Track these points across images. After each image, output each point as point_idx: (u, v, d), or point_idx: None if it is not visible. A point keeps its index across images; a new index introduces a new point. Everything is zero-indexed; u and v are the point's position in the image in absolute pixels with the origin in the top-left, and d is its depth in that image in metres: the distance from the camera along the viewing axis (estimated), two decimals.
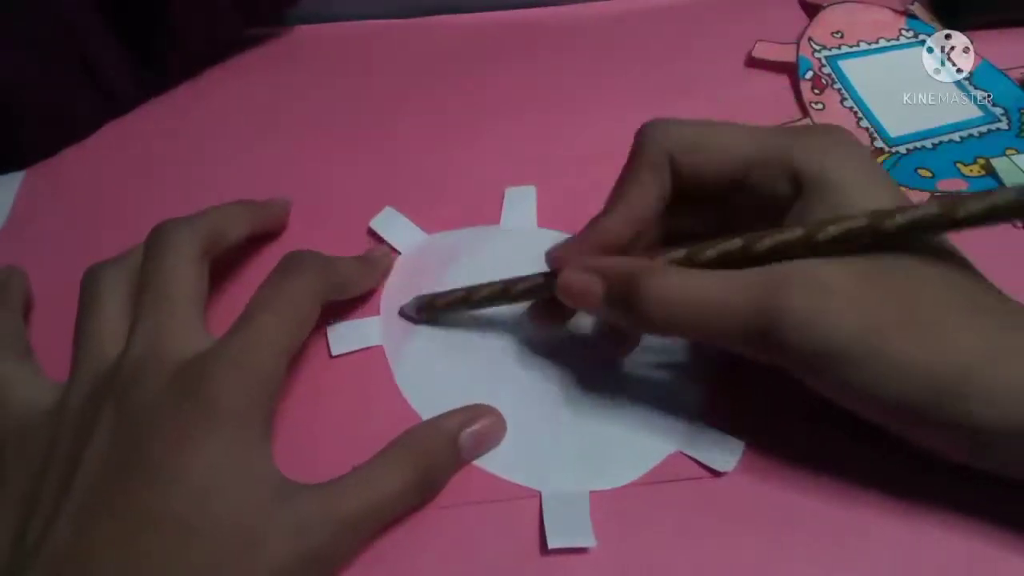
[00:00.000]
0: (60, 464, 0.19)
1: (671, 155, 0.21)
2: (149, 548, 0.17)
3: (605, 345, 0.24)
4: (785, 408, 0.22)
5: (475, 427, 0.22)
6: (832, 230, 0.19)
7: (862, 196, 0.19)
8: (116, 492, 0.18)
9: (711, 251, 0.20)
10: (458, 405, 0.23)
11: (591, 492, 0.21)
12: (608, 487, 0.22)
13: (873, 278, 0.18)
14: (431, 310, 0.25)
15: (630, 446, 0.22)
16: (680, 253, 0.20)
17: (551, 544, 0.20)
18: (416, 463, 0.21)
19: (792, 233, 0.19)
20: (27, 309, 0.28)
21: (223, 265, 0.27)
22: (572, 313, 0.24)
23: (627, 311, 0.20)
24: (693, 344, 0.25)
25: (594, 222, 0.22)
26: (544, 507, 0.21)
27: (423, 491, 0.21)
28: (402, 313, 0.26)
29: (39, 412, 0.21)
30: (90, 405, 0.20)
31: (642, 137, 0.22)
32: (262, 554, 0.18)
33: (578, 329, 0.25)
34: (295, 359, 0.23)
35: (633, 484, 0.22)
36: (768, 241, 0.19)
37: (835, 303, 0.18)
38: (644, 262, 0.21)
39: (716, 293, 0.19)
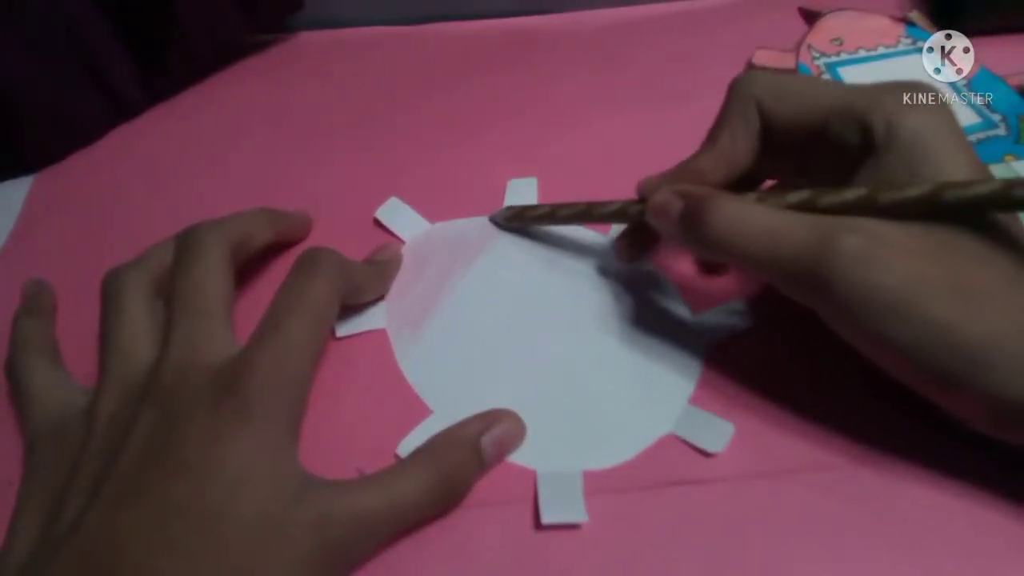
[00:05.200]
0: (94, 461, 0.20)
1: (760, 103, 0.23)
2: (178, 535, 0.18)
3: (621, 245, 0.26)
4: (775, 392, 0.23)
5: (495, 432, 0.22)
6: (892, 195, 0.19)
7: (932, 159, 0.20)
8: (148, 483, 0.18)
9: (775, 200, 0.21)
10: (457, 386, 0.24)
11: (584, 471, 0.22)
12: (601, 467, 0.22)
13: (926, 240, 0.19)
14: (520, 219, 0.28)
15: (623, 428, 0.23)
16: (751, 197, 0.22)
17: (545, 520, 0.21)
18: (439, 470, 0.21)
19: (854, 193, 0.20)
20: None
21: (241, 265, 0.27)
22: (651, 246, 0.26)
23: (696, 230, 0.21)
24: (685, 329, 0.25)
25: (685, 162, 0.24)
26: (539, 485, 0.22)
27: (445, 498, 0.21)
28: (493, 220, 0.29)
29: (72, 414, 0.22)
30: (126, 409, 0.20)
31: (734, 86, 0.23)
32: (284, 545, 0.18)
33: (576, 313, 0.26)
34: None
35: (625, 464, 0.22)
36: (830, 198, 0.20)
37: (886, 253, 0.18)
38: (719, 191, 0.22)
39: (776, 223, 0.20)
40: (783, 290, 0.20)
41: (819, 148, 0.22)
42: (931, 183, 0.19)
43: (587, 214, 0.26)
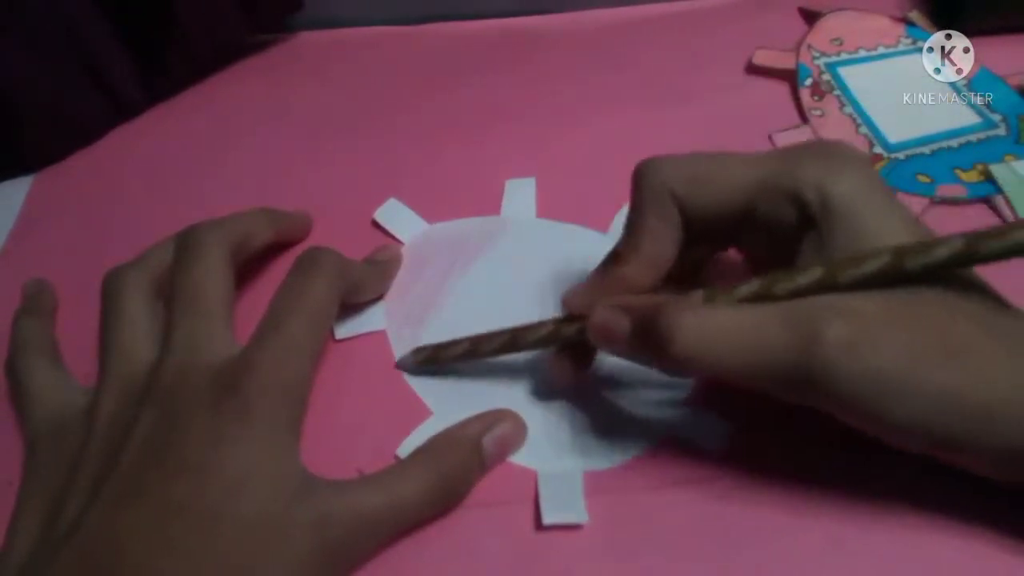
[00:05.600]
0: (94, 461, 0.20)
1: (674, 194, 0.21)
2: (178, 535, 0.18)
3: (558, 368, 0.23)
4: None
5: (496, 432, 0.22)
6: (852, 273, 0.18)
7: (873, 225, 0.19)
8: (149, 483, 0.18)
9: (727, 297, 0.20)
10: (457, 387, 0.24)
11: (585, 472, 0.22)
12: (602, 467, 0.22)
13: (905, 310, 0.18)
14: (434, 361, 0.25)
15: (623, 428, 0.23)
16: (697, 295, 0.20)
17: (546, 520, 0.21)
18: (439, 470, 0.21)
19: (810, 276, 0.19)
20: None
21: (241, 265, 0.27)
22: (589, 363, 0.23)
23: (654, 348, 0.19)
24: None
25: (609, 269, 0.22)
26: (540, 485, 0.22)
27: (446, 498, 0.21)
28: (400, 366, 0.25)
29: (72, 413, 0.22)
30: (126, 410, 0.20)
31: (640, 178, 0.22)
32: (285, 545, 0.18)
33: None
34: None
35: (626, 465, 0.22)
36: (787, 285, 0.19)
37: (876, 333, 0.17)
38: (671, 298, 0.20)
39: (748, 325, 0.18)
40: (770, 393, 0.19)
41: (748, 228, 0.21)
42: (889, 252, 0.18)
43: (513, 343, 0.23)
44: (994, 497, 0.19)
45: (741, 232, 0.21)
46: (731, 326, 0.19)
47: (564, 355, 0.23)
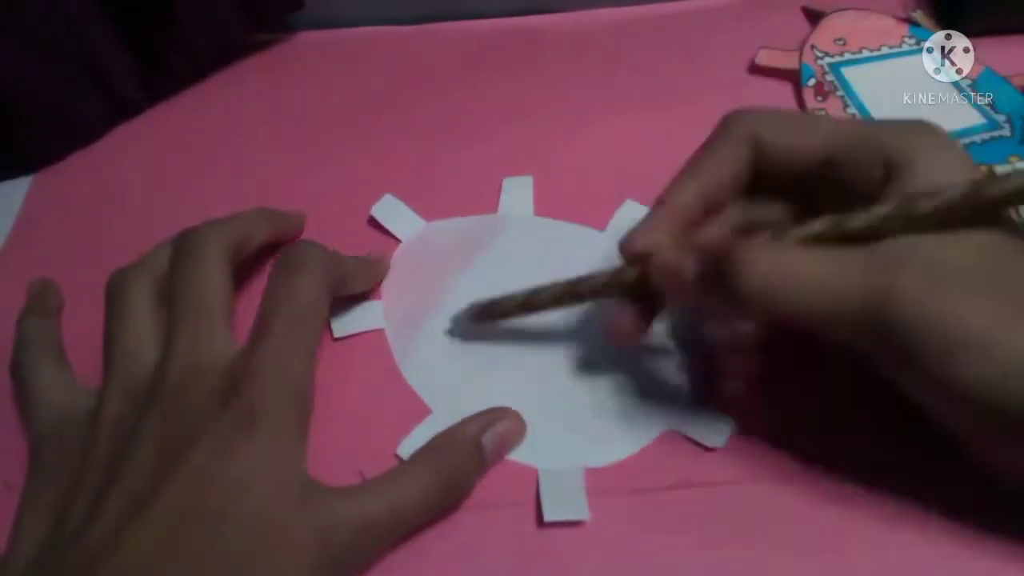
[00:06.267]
0: (100, 463, 0.20)
1: (758, 136, 0.21)
2: (184, 540, 0.18)
3: (621, 322, 0.22)
4: (775, 387, 0.23)
5: (496, 429, 0.22)
6: (930, 202, 0.17)
7: (955, 174, 0.18)
8: (155, 487, 0.18)
9: (798, 231, 0.19)
10: (457, 385, 0.24)
11: (586, 469, 0.22)
12: (602, 464, 0.22)
13: (986, 258, 0.17)
14: (489, 315, 0.24)
15: (623, 425, 0.23)
16: (765, 235, 0.19)
17: (547, 517, 0.21)
18: (440, 470, 0.21)
19: (886, 208, 0.18)
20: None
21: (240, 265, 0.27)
22: (653, 317, 0.22)
23: (727, 290, 0.18)
24: (685, 324, 0.25)
25: (667, 199, 0.21)
26: (541, 483, 0.22)
27: (448, 498, 0.21)
28: (453, 332, 0.25)
29: (77, 414, 0.22)
30: (131, 411, 0.20)
31: (728, 119, 0.22)
32: (289, 549, 0.18)
33: (574, 311, 0.26)
34: None
35: (626, 461, 0.22)
36: (860, 218, 0.18)
37: (953, 283, 0.16)
38: (740, 239, 0.20)
39: (822, 268, 0.18)
40: (837, 339, 0.18)
41: (824, 185, 0.20)
42: (969, 182, 0.17)
43: (572, 293, 0.22)
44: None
45: (815, 189, 0.21)
46: (804, 264, 0.18)
47: (626, 306, 0.21)
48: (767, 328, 0.24)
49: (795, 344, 0.23)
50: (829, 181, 0.20)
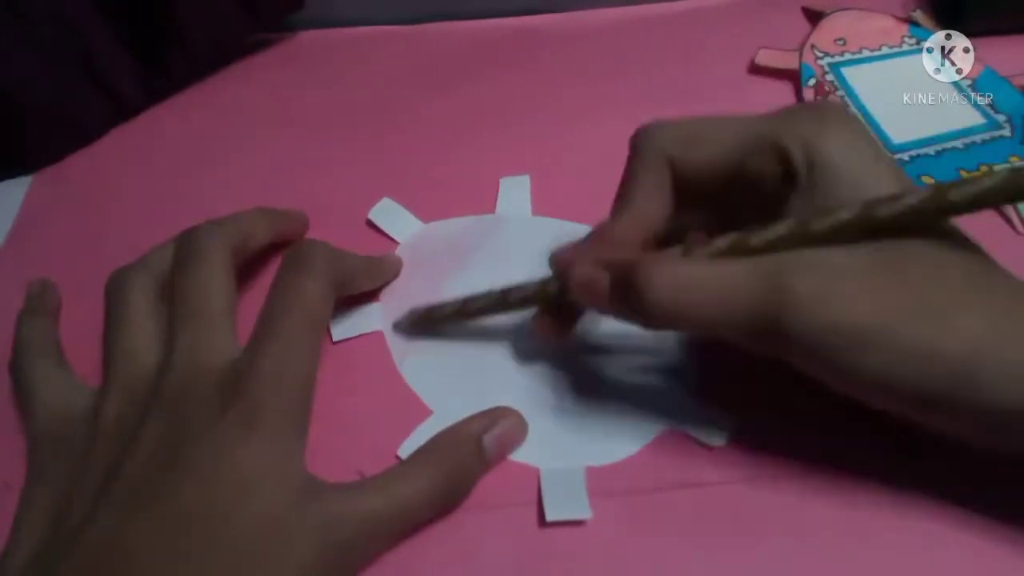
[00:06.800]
0: (100, 464, 0.20)
1: (668, 155, 0.21)
2: (186, 540, 0.18)
3: (540, 325, 0.23)
4: (775, 386, 0.22)
5: (497, 430, 0.22)
6: (825, 221, 0.18)
7: (855, 179, 0.19)
8: (156, 488, 0.18)
9: (704, 250, 0.20)
10: (457, 386, 0.24)
11: (588, 468, 0.22)
12: (604, 463, 0.22)
13: (879, 262, 0.18)
14: (427, 322, 0.25)
15: (625, 423, 0.23)
16: (676, 251, 0.20)
17: (549, 517, 0.21)
18: (442, 469, 0.21)
19: (784, 227, 0.19)
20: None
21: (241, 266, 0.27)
22: (573, 323, 0.24)
23: (633, 304, 0.19)
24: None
25: (601, 228, 0.22)
26: (542, 482, 0.22)
27: (449, 496, 0.21)
28: (397, 328, 0.26)
29: (77, 415, 0.22)
30: (132, 412, 0.20)
31: (637, 141, 0.22)
32: (290, 548, 0.18)
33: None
34: None
35: (628, 460, 0.22)
36: (760, 237, 0.19)
37: (845, 285, 0.17)
38: (651, 254, 0.21)
39: (719, 278, 0.19)
40: (742, 346, 0.19)
41: (737, 191, 0.21)
42: (861, 203, 0.18)
43: (502, 302, 0.24)
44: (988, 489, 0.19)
45: (732, 196, 0.21)
46: (704, 277, 0.19)
47: (546, 312, 0.23)
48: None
49: None
50: (742, 185, 0.21)
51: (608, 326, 0.25)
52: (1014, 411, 0.17)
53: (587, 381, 0.24)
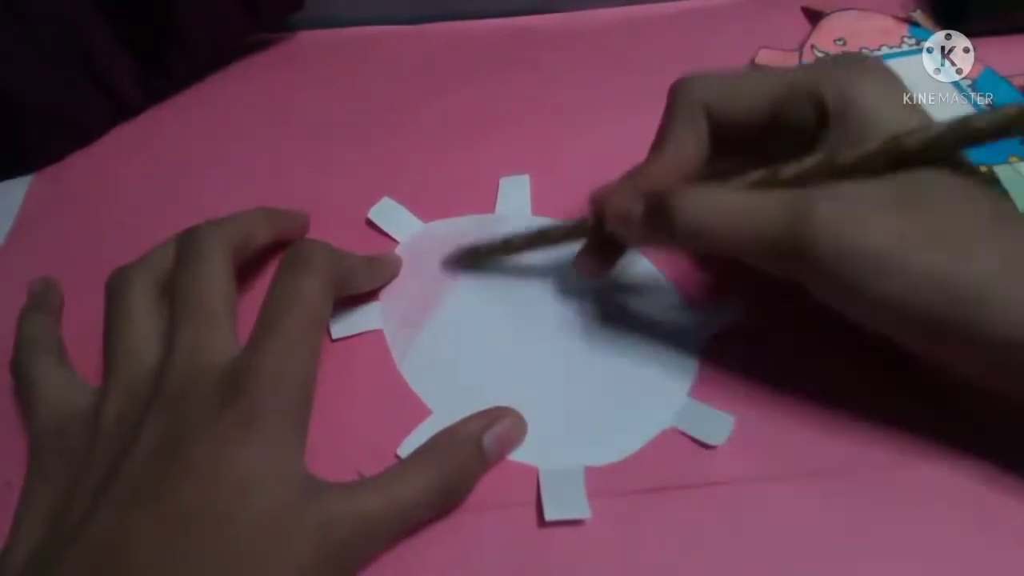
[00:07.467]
0: (101, 462, 0.20)
1: (706, 105, 0.22)
2: (185, 538, 0.18)
3: (583, 261, 0.25)
4: (776, 385, 0.23)
5: (496, 429, 0.22)
6: (853, 152, 0.19)
7: (885, 118, 0.20)
8: (156, 486, 0.18)
9: (737, 180, 0.21)
10: (456, 385, 0.24)
11: (587, 468, 0.22)
12: (603, 462, 0.22)
13: (902, 192, 0.19)
14: (473, 256, 0.27)
15: (624, 423, 0.23)
16: (712, 183, 0.21)
17: (548, 516, 0.21)
18: (441, 468, 0.21)
19: (814, 159, 0.20)
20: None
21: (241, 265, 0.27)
22: (614, 261, 0.25)
23: (664, 226, 0.21)
24: (684, 322, 0.25)
25: (637, 168, 0.23)
26: (541, 482, 0.22)
27: (448, 497, 0.21)
28: (445, 264, 0.27)
29: (78, 412, 0.22)
30: (132, 411, 0.20)
31: (675, 92, 0.23)
32: (289, 547, 0.18)
33: (573, 310, 0.26)
34: None
35: (627, 460, 0.22)
36: (791, 169, 0.20)
37: (868, 212, 0.18)
38: (680, 184, 0.22)
39: (747, 203, 0.20)
40: (766, 268, 0.20)
41: (773, 138, 0.22)
42: (888, 135, 0.19)
43: (543, 237, 0.25)
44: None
45: (767, 143, 0.22)
46: (732, 204, 0.20)
47: (589, 249, 0.25)
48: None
49: (796, 337, 0.23)
50: (779, 132, 0.22)
51: (608, 325, 0.25)
52: (1015, 341, 0.17)
53: (586, 381, 0.24)
